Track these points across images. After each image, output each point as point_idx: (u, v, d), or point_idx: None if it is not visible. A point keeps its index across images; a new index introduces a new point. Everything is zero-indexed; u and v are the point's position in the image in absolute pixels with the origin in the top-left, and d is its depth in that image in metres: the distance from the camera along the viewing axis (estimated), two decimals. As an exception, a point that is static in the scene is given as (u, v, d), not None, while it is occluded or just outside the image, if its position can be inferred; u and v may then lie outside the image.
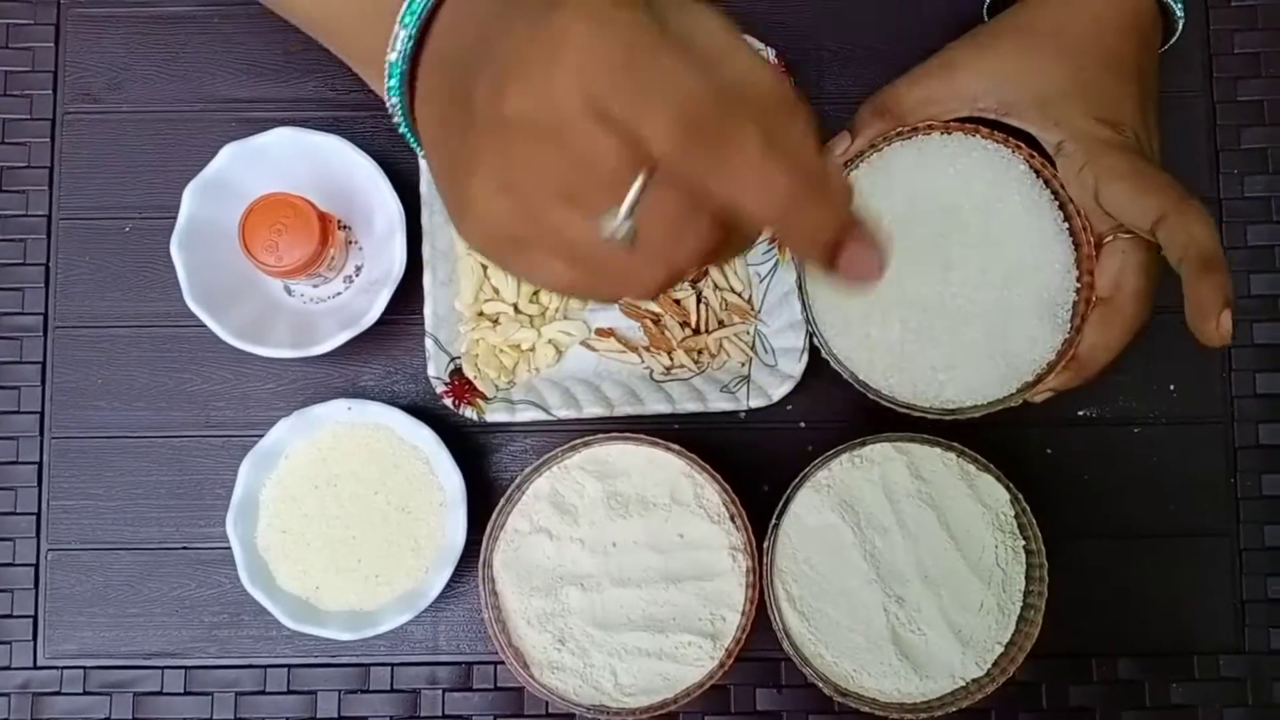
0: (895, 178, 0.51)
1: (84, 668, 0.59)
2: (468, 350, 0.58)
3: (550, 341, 0.59)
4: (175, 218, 0.56)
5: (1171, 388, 0.60)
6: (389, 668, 0.58)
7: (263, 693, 0.58)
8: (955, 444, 0.54)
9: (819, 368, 0.58)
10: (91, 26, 0.62)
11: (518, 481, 0.54)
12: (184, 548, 0.59)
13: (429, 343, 0.57)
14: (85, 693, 0.58)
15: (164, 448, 0.60)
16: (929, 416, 0.50)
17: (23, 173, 0.61)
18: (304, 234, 0.53)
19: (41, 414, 0.60)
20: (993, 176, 0.51)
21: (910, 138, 0.52)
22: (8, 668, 0.58)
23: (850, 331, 0.51)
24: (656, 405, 0.57)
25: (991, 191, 0.51)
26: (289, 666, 0.58)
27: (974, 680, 0.53)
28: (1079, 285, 0.51)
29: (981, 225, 0.50)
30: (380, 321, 0.55)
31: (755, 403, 0.57)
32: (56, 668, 0.59)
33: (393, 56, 0.34)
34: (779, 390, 0.57)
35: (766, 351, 0.59)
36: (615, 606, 0.53)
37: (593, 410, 0.57)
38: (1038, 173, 0.51)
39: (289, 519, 0.56)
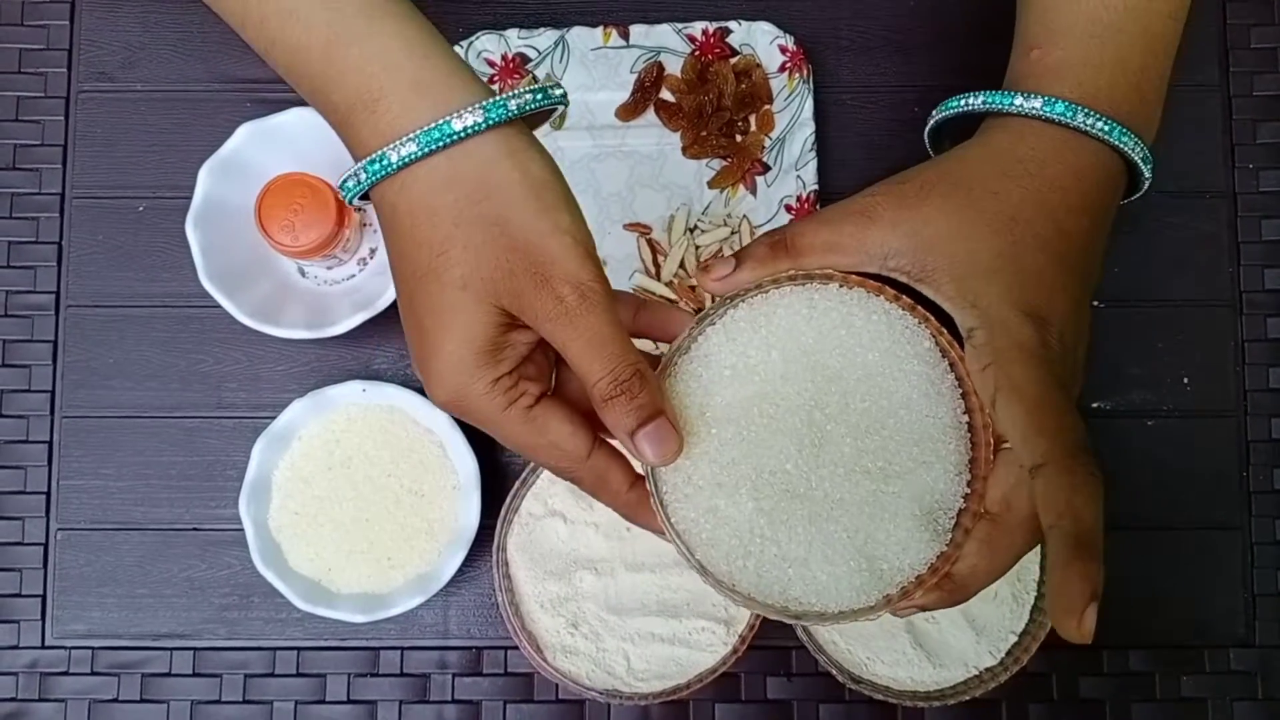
0: (777, 327, 0.42)
1: (92, 648, 0.58)
2: None
3: None
4: (189, 197, 0.55)
5: (1185, 381, 0.60)
6: (399, 651, 0.58)
7: (272, 675, 0.58)
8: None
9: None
10: (106, 5, 0.62)
11: (532, 464, 0.54)
12: (194, 529, 0.59)
13: None
14: (93, 673, 0.58)
15: (176, 428, 0.59)
16: (773, 617, 0.41)
17: (36, 151, 0.61)
18: (321, 214, 0.53)
19: (52, 393, 0.60)
20: (889, 347, 0.41)
21: (804, 284, 0.42)
22: (16, 647, 0.58)
23: (694, 500, 0.41)
24: None
25: (885, 365, 0.41)
26: (298, 649, 0.58)
27: (987, 669, 0.53)
28: (968, 492, 0.41)
29: (867, 403, 0.41)
30: (394, 304, 0.55)
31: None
32: (65, 648, 0.58)
33: (353, 183, 0.41)
34: None
35: None
36: (629, 591, 0.53)
37: None
38: (944, 353, 0.41)
39: (302, 500, 0.56)
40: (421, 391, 0.56)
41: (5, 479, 0.59)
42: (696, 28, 0.60)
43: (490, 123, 0.38)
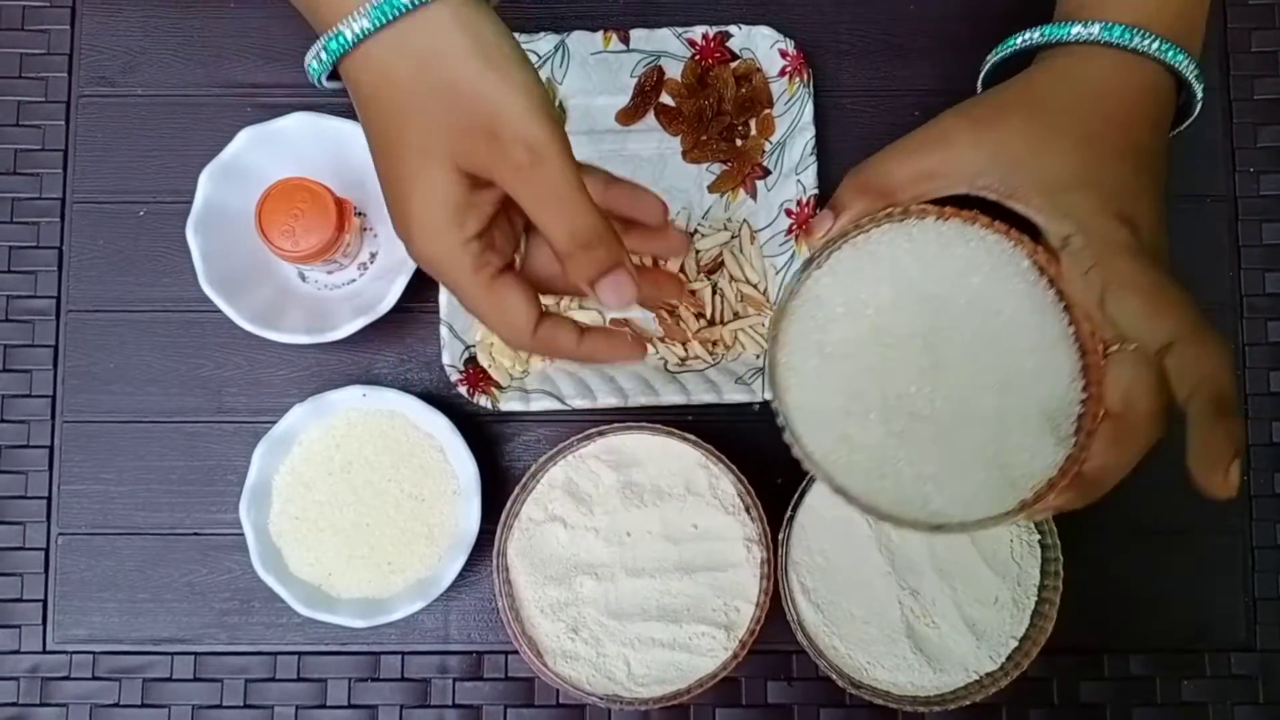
0: (882, 264, 0.44)
1: (93, 653, 0.58)
2: (482, 339, 0.58)
3: None
4: (189, 202, 0.55)
5: (1186, 385, 0.60)
6: (399, 656, 0.58)
7: (273, 679, 0.58)
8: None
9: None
10: (107, 9, 0.62)
11: (533, 470, 0.54)
12: (195, 533, 0.59)
13: (443, 331, 0.57)
14: (94, 678, 0.58)
15: (176, 433, 0.59)
16: (916, 530, 0.44)
17: (37, 155, 0.61)
18: (321, 219, 0.53)
19: (53, 398, 0.60)
20: (990, 270, 0.44)
21: (900, 220, 0.45)
22: (17, 652, 0.58)
23: (827, 430, 0.44)
24: (671, 396, 0.57)
25: (989, 286, 0.44)
26: (299, 654, 0.58)
27: (988, 674, 0.53)
28: (1085, 396, 0.44)
29: (977, 323, 0.44)
30: (395, 309, 0.55)
31: (769, 394, 0.55)
32: (66, 653, 0.58)
33: (315, 63, 0.42)
34: None
35: None
36: (629, 596, 0.53)
37: (607, 400, 0.57)
38: (1042, 270, 0.44)
39: (302, 505, 0.56)
40: (422, 397, 0.56)
41: (6, 484, 0.59)
42: (696, 32, 0.60)
43: None
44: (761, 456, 0.58)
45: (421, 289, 0.57)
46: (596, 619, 0.53)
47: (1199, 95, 0.47)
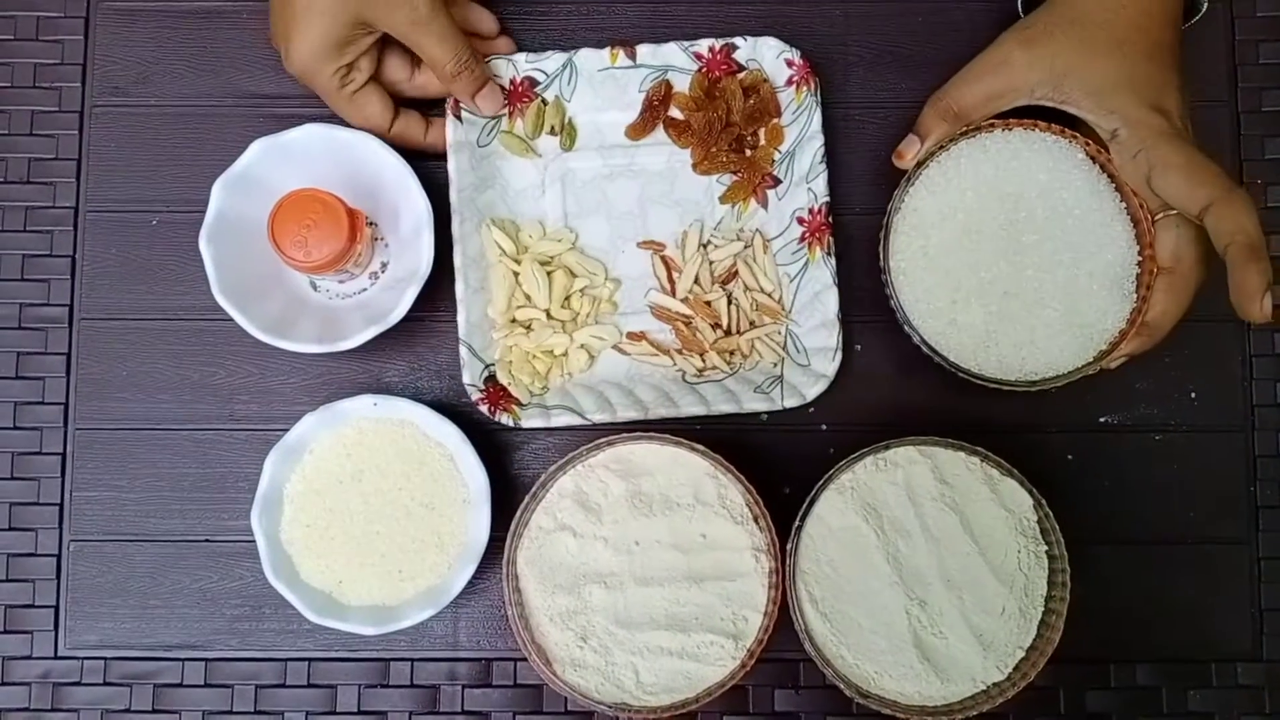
0: (964, 174, 0.55)
1: (105, 659, 0.59)
2: (501, 357, 0.59)
3: (583, 346, 0.60)
4: (201, 212, 0.56)
5: (1192, 395, 0.60)
6: (409, 663, 0.59)
7: (283, 686, 0.59)
8: (979, 448, 0.54)
9: (848, 368, 0.59)
10: (121, 20, 0.62)
11: (542, 479, 0.54)
12: (206, 540, 0.59)
13: (463, 350, 0.57)
14: (106, 683, 0.59)
15: (188, 440, 0.60)
16: (1017, 390, 0.54)
17: (51, 165, 0.61)
18: (333, 230, 0.53)
19: (66, 405, 0.60)
20: (1053, 165, 0.55)
21: (974, 136, 0.55)
22: (29, 657, 0.59)
23: (938, 317, 0.55)
24: (691, 407, 0.57)
25: (1053, 179, 0.55)
26: (309, 660, 0.59)
27: (995, 684, 0.53)
28: (1141, 259, 0.54)
29: (1047, 211, 0.55)
30: (405, 319, 0.56)
31: (790, 402, 0.58)
32: (77, 658, 0.59)
33: None
34: (813, 389, 0.58)
35: (799, 351, 0.60)
36: (638, 605, 0.53)
37: (627, 414, 0.57)
38: (1094, 159, 0.55)
39: (313, 513, 0.56)
40: (433, 406, 0.56)
41: (19, 490, 0.60)
42: (703, 45, 0.60)
43: None
44: (770, 467, 0.58)
45: (432, 299, 0.57)
46: (605, 628, 0.53)
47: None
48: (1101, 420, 0.60)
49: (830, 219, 0.58)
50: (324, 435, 0.57)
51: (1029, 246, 0.54)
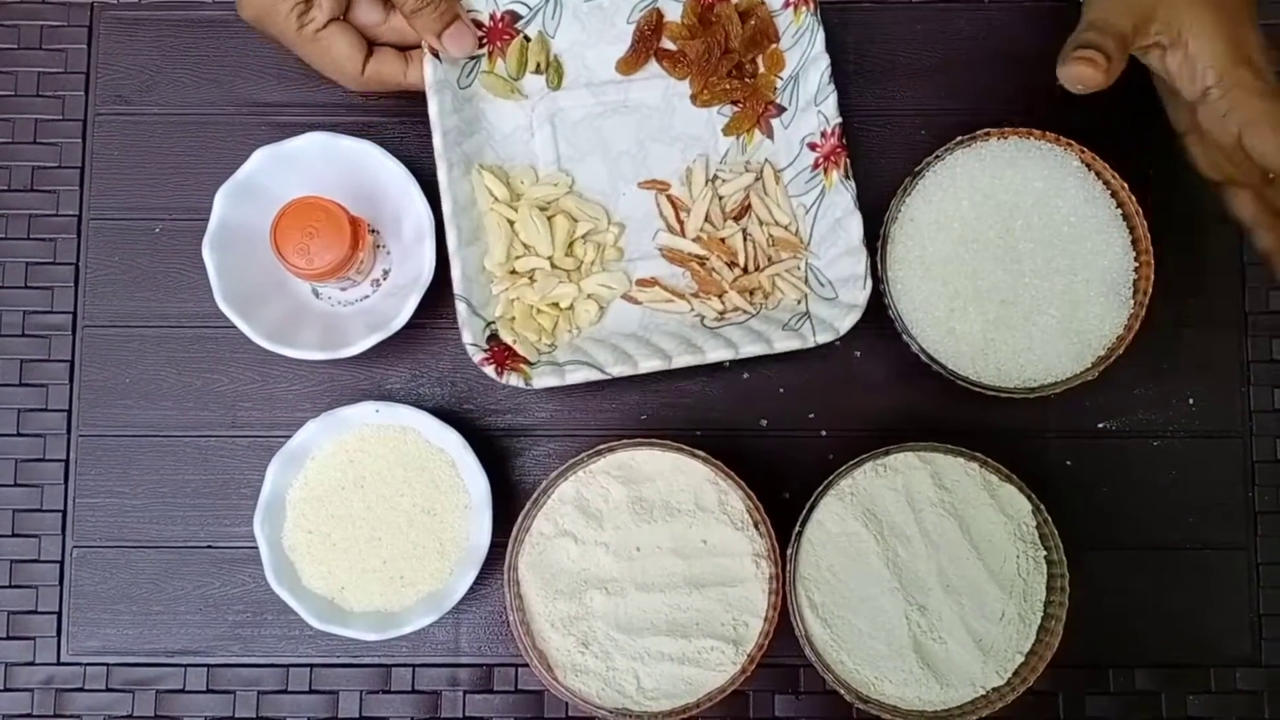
0: (960, 183, 0.56)
1: (107, 665, 0.59)
2: (503, 313, 0.56)
3: (591, 296, 0.57)
4: (204, 219, 0.56)
5: (1190, 402, 0.60)
6: (410, 669, 0.59)
7: (285, 692, 0.59)
8: (978, 454, 0.54)
9: (847, 374, 0.59)
10: (124, 29, 0.62)
11: (543, 485, 0.54)
12: (209, 546, 0.60)
13: (461, 308, 0.55)
14: (108, 690, 0.59)
15: (190, 447, 0.60)
16: (1015, 396, 0.55)
17: (54, 173, 0.62)
18: (335, 238, 0.54)
19: (69, 412, 0.60)
20: (1048, 173, 0.55)
21: (970, 145, 0.56)
22: (32, 664, 0.59)
23: (936, 326, 0.55)
24: (717, 351, 0.55)
25: (1049, 187, 0.55)
26: (311, 666, 0.59)
27: (994, 689, 0.53)
28: (1137, 264, 0.55)
29: (1043, 218, 0.55)
30: (407, 326, 0.56)
31: (822, 337, 0.55)
32: (80, 664, 0.59)
33: None
34: (844, 321, 0.55)
35: (823, 284, 0.57)
36: (639, 611, 0.54)
37: (650, 364, 0.55)
38: (1089, 166, 0.56)
39: (315, 520, 0.56)
40: (434, 412, 0.56)
41: (22, 497, 0.60)
42: None
43: None
44: (770, 473, 0.59)
45: (434, 306, 0.57)
46: (606, 633, 0.53)
47: None
48: (1100, 426, 0.60)
49: (844, 140, 0.57)
50: (326, 442, 0.57)
51: (1026, 254, 0.55)
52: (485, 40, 0.57)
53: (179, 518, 0.60)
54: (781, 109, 0.59)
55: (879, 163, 0.61)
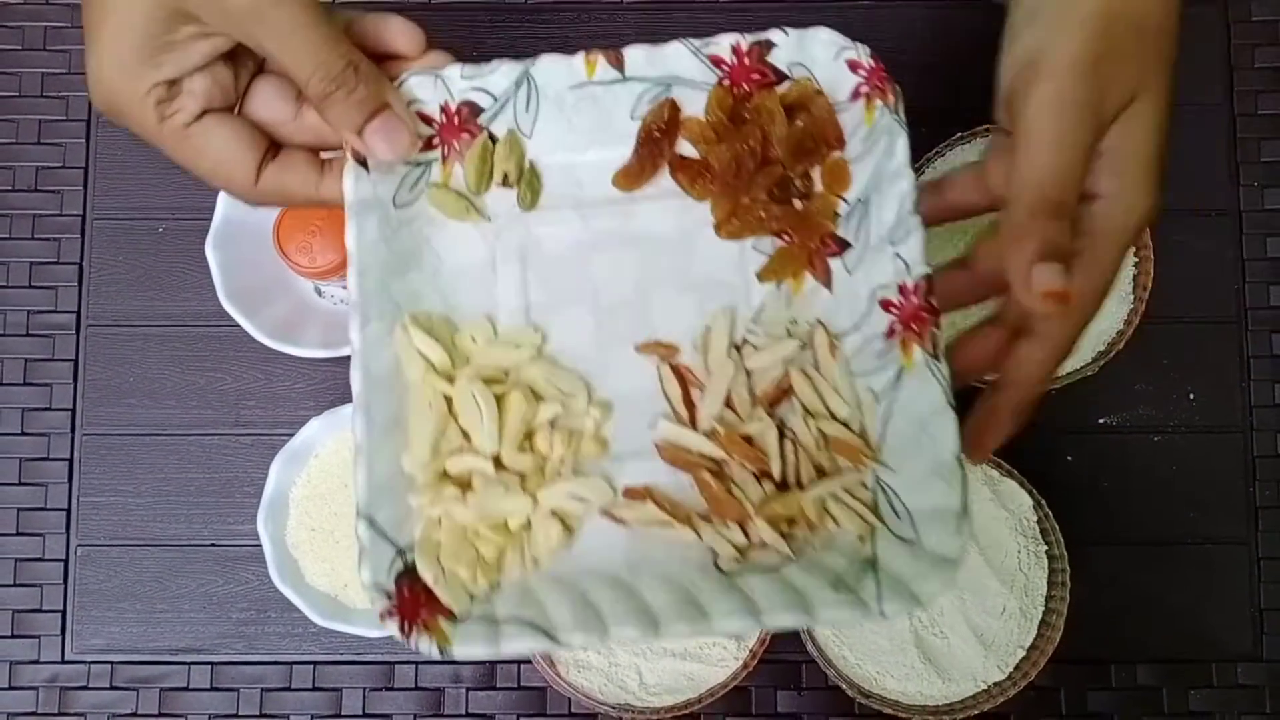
0: None
1: (111, 663, 0.59)
2: (424, 536, 0.38)
3: (554, 514, 0.39)
4: (207, 219, 0.56)
5: (1190, 397, 0.61)
6: (413, 665, 0.59)
7: (288, 689, 0.59)
8: (979, 449, 0.54)
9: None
10: (127, 30, 0.63)
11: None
12: (212, 545, 0.60)
13: (361, 530, 0.36)
14: (112, 688, 0.59)
15: (194, 446, 0.60)
16: None
17: (58, 173, 0.62)
18: (338, 236, 0.54)
19: (73, 411, 0.61)
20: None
21: (970, 142, 0.56)
22: (36, 662, 0.59)
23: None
24: (729, 619, 0.36)
25: None
26: (314, 663, 0.59)
27: (996, 683, 0.54)
28: (1138, 259, 0.54)
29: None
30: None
31: (891, 607, 0.35)
32: (84, 662, 0.59)
33: None
34: (926, 586, 0.35)
35: (898, 515, 0.38)
36: (641, 607, 0.53)
37: (624, 631, 0.35)
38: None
39: (318, 517, 0.57)
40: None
41: (26, 496, 0.60)
42: (723, 44, 0.40)
43: None
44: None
45: (436, 303, 0.58)
46: (609, 629, 0.53)
47: None
48: (1101, 421, 0.60)
49: (931, 299, 0.38)
50: (329, 439, 0.57)
51: None
52: (435, 140, 0.41)
53: (182, 516, 0.60)
54: (844, 245, 0.41)
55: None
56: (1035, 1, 0.39)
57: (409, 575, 0.37)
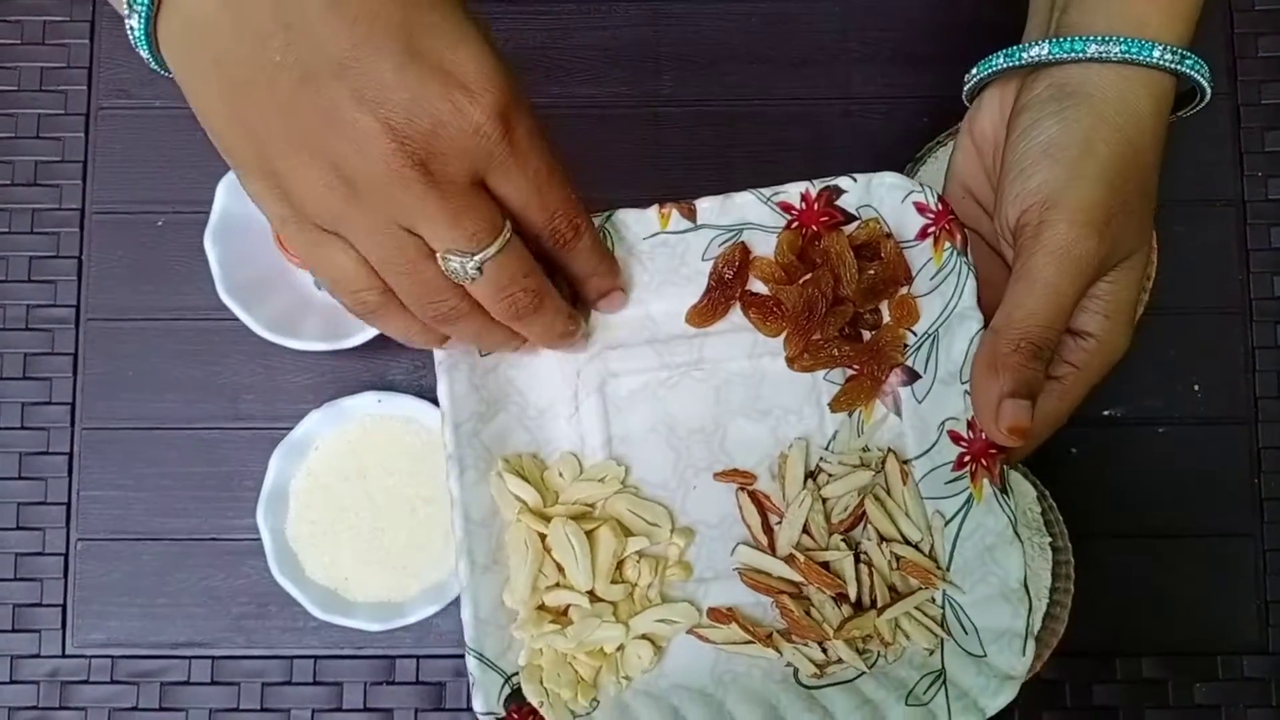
0: None
1: (112, 657, 0.59)
2: (528, 662, 0.42)
3: (645, 637, 0.43)
4: (207, 212, 0.56)
5: (1196, 388, 0.60)
6: (415, 660, 0.59)
7: (289, 683, 0.59)
8: (982, 440, 0.54)
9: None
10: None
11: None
12: (212, 538, 0.60)
13: (471, 663, 0.42)
14: (113, 682, 0.59)
15: (194, 439, 0.60)
16: None
17: (57, 167, 0.62)
18: (337, 227, 0.54)
19: (72, 405, 0.60)
20: None
21: None
22: (36, 656, 0.59)
23: None
24: None
25: None
26: (315, 657, 0.59)
27: (1000, 676, 0.53)
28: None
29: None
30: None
31: (960, 719, 0.40)
32: (85, 657, 0.59)
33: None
34: (994, 700, 0.40)
35: (965, 632, 0.42)
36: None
37: None
38: None
39: (318, 510, 0.56)
40: (437, 402, 0.56)
41: (26, 490, 0.60)
42: (793, 193, 0.43)
43: None
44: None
45: (435, 296, 0.57)
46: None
47: (1209, 92, 0.44)
48: (1105, 413, 0.60)
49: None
50: (329, 432, 0.57)
51: None
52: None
53: (182, 510, 0.60)
54: (914, 375, 0.44)
55: (879, 149, 0.61)
56: (1056, 136, 0.41)
57: (516, 699, 0.42)
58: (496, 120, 0.31)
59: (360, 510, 0.56)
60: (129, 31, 0.33)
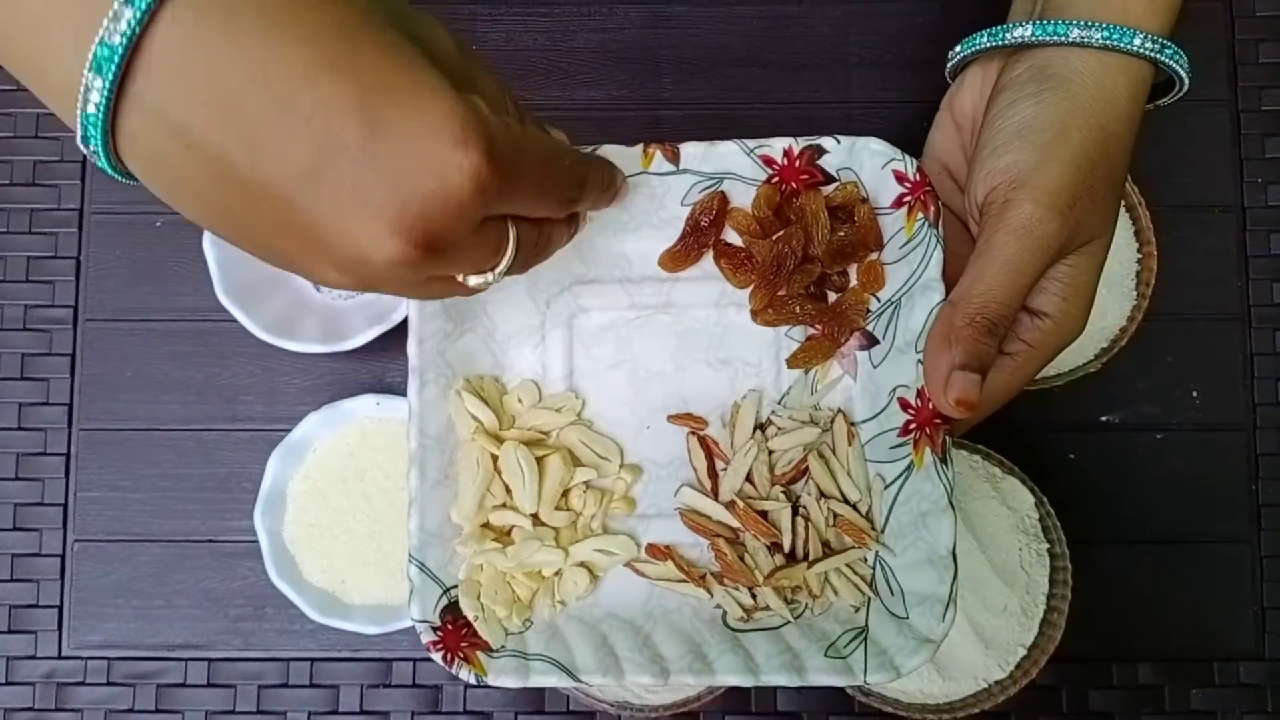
0: None
1: (108, 659, 0.59)
2: (467, 577, 0.44)
3: (583, 565, 0.45)
4: (205, 213, 0.56)
5: (1194, 394, 0.60)
6: (411, 662, 0.59)
7: (285, 686, 0.59)
8: (981, 447, 0.54)
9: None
10: (125, 23, 0.62)
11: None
12: (210, 540, 0.59)
13: (412, 571, 0.43)
14: (109, 683, 0.59)
15: (191, 441, 0.60)
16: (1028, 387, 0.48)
17: (55, 167, 0.62)
18: (336, 230, 0.54)
19: (70, 406, 0.60)
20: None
21: None
22: (33, 657, 0.59)
23: None
24: (729, 674, 0.42)
25: None
26: (312, 660, 0.59)
27: (996, 682, 0.53)
28: (1140, 255, 0.54)
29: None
30: (407, 318, 0.56)
31: (877, 676, 0.41)
32: (81, 658, 0.59)
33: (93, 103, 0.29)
34: (909, 660, 0.41)
35: (893, 593, 0.43)
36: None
37: (638, 677, 0.42)
38: None
39: (316, 512, 0.56)
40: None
41: (23, 491, 0.60)
42: (776, 146, 0.44)
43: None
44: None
45: (434, 299, 0.57)
46: (607, 627, 0.53)
47: (1186, 82, 0.45)
48: (1103, 419, 0.60)
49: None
50: (327, 435, 0.57)
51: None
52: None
53: (180, 511, 0.60)
54: (873, 340, 0.45)
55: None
56: (1031, 117, 0.42)
57: (452, 611, 0.43)
58: (481, 163, 0.30)
59: (358, 513, 0.56)
60: (89, 156, 0.31)
